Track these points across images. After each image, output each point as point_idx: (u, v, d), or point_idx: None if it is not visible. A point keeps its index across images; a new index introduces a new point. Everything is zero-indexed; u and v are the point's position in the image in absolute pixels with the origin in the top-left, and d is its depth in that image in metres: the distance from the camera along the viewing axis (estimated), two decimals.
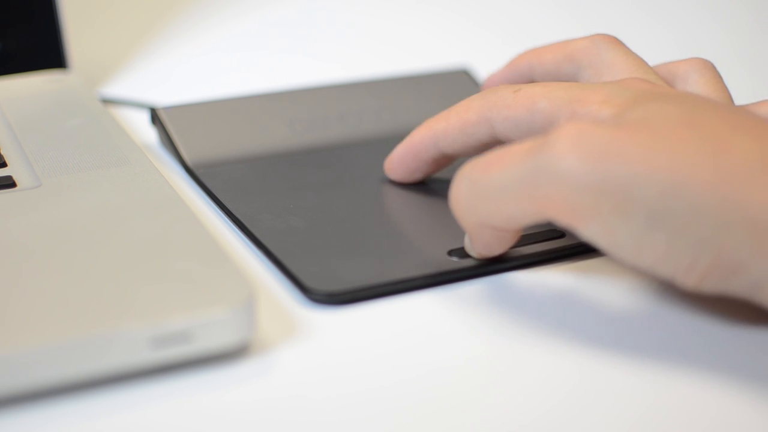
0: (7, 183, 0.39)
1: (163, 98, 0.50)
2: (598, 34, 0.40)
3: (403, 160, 0.41)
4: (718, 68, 0.40)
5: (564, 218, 0.32)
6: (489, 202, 0.33)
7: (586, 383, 0.32)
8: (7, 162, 0.41)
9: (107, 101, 0.51)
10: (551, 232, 0.38)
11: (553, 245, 0.38)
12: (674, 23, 0.65)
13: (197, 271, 0.33)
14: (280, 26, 0.64)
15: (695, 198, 0.31)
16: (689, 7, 0.67)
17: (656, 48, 0.43)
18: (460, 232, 0.38)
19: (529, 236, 0.38)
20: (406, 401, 0.31)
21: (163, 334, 0.31)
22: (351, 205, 0.41)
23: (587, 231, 0.32)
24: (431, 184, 0.42)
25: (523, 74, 0.43)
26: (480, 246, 0.36)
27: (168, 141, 0.45)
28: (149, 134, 0.48)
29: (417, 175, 0.41)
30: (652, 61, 0.41)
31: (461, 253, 0.37)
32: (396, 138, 0.46)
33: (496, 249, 0.36)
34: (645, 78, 0.38)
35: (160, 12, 0.65)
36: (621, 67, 0.39)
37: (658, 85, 0.36)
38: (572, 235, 0.38)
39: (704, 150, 0.31)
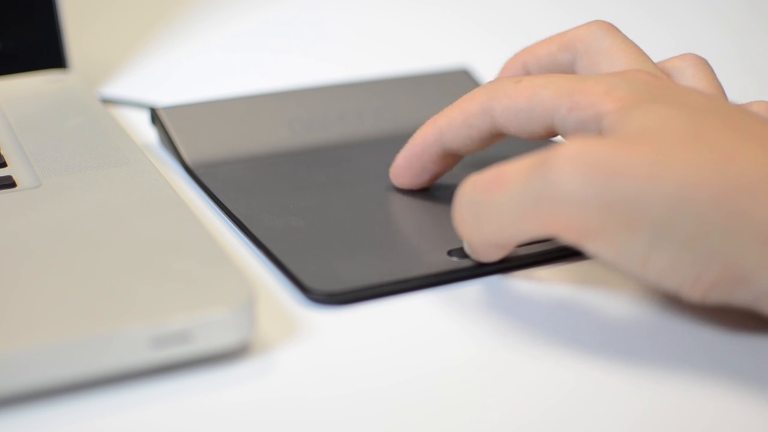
0: (7, 183, 0.39)
1: (163, 98, 0.50)
2: (595, 21, 0.40)
3: (407, 162, 0.40)
4: (718, 68, 0.40)
5: (569, 236, 0.32)
6: (494, 224, 0.33)
7: (582, 386, 0.32)
8: (7, 162, 0.41)
9: (107, 101, 0.51)
10: None
11: (553, 245, 0.38)
12: (674, 23, 0.65)
13: (197, 271, 0.33)
14: (280, 26, 0.64)
15: (701, 211, 0.30)
16: (689, 7, 0.67)
17: (656, 48, 0.43)
18: None
19: None
20: (405, 401, 0.31)
21: (163, 334, 0.31)
22: (351, 205, 0.41)
23: (593, 247, 0.32)
24: (430, 185, 0.42)
25: (518, 75, 0.41)
26: (481, 256, 0.36)
27: (168, 141, 0.45)
28: (149, 134, 0.48)
29: (424, 177, 0.41)
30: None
31: (461, 253, 0.37)
32: (396, 138, 0.46)
33: (496, 257, 0.36)
34: (644, 69, 0.38)
35: (160, 12, 0.65)
36: (619, 56, 0.38)
37: (659, 78, 0.35)
38: None
39: (709, 161, 0.31)
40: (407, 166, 0.41)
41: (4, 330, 0.30)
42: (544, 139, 0.37)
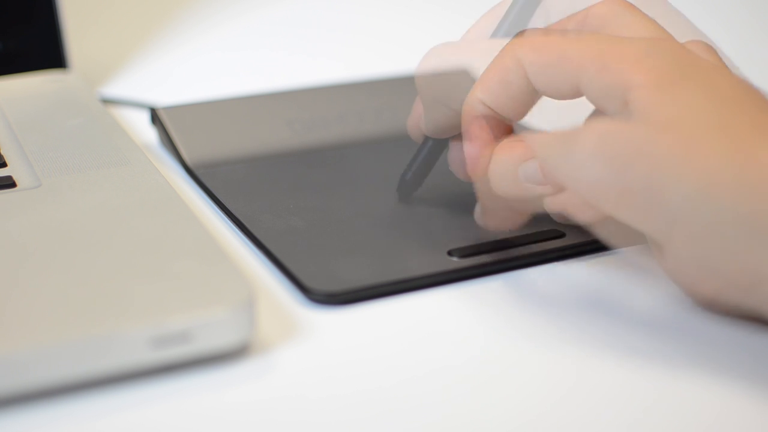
0: (7, 183, 0.39)
1: (163, 98, 0.50)
2: None
3: (475, 140, 0.36)
4: None
5: (583, 217, 0.32)
6: (518, 191, 0.34)
7: (586, 382, 0.32)
8: (7, 162, 0.41)
9: (107, 101, 0.51)
10: (551, 231, 0.38)
11: (553, 245, 0.38)
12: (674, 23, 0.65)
13: (197, 271, 0.33)
14: (280, 26, 0.64)
15: (719, 208, 0.30)
16: (689, 7, 0.67)
17: None
18: (459, 233, 0.38)
19: (530, 236, 0.38)
20: (405, 401, 0.31)
21: (163, 335, 0.31)
22: (351, 205, 0.41)
23: (606, 230, 0.32)
24: (430, 185, 0.42)
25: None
26: (493, 223, 0.36)
27: (168, 141, 0.45)
28: (149, 134, 0.48)
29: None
30: None
31: (461, 252, 0.37)
32: (396, 138, 0.46)
33: (507, 227, 0.37)
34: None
35: (160, 12, 0.65)
36: (640, 29, 0.36)
37: (689, 51, 0.34)
38: (572, 236, 0.38)
39: (731, 157, 0.30)
40: (476, 139, 0.37)
41: (4, 330, 0.30)
42: (571, 99, 0.35)
